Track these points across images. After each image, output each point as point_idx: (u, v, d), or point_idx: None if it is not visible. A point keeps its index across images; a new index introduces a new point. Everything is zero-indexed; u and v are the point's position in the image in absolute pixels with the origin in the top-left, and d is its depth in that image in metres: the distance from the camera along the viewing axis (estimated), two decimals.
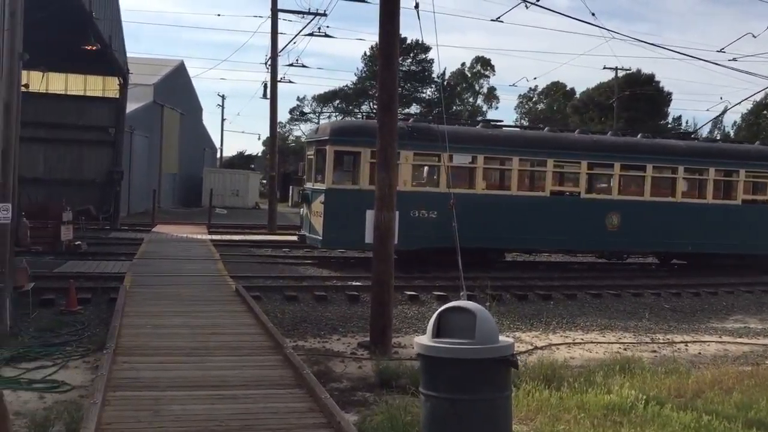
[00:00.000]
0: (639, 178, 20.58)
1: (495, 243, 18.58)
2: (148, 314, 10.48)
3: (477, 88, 79.92)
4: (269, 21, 29.51)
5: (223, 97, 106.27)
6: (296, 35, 30.69)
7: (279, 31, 29.50)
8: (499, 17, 19.51)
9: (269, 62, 30.26)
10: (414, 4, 9.66)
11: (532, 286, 16.40)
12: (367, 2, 26.56)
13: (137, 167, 35.91)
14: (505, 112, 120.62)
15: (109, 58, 25.27)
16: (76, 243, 19.54)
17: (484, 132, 19.34)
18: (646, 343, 11.98)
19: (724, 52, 21.22)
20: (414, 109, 70.96)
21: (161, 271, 15.03)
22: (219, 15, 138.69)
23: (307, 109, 74.01)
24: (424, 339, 5.05)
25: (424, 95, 73.75)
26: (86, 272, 15.46)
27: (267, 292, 14.08)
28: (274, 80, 29.57)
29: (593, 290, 16.35)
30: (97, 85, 30.33)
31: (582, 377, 8.57)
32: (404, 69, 67.53)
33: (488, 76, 78.82)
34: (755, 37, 19.69)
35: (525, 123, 72.58)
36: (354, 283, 15.50)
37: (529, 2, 13.46)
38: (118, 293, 12.09)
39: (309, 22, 29.45)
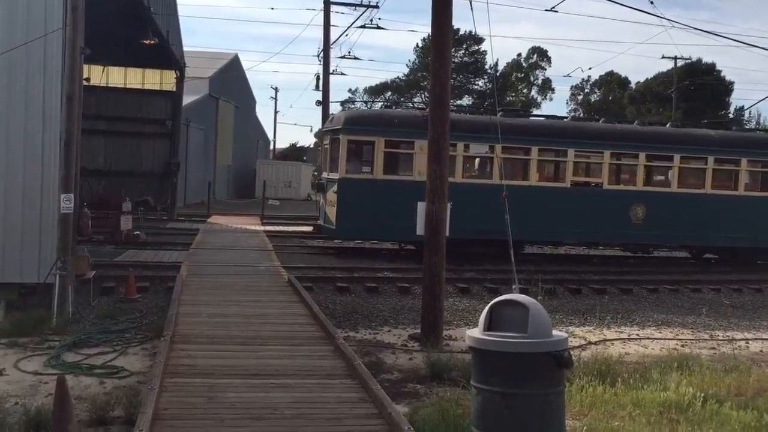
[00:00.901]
0: (666, 169, 19.89)
1: (514, 234, 17.98)
2: (203, 303, 10.69)
3: (532, 79, 78.79)
4: (322, 14, 29.70)
5: (276, 89, 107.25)
6: (348, 27, 30.66)
7: (331, 23, 29.64)
8: (553, 7, 19.14)
9: (321, 55, 30.45)
10: None
11: (587, 281, 16.12)
12: None
13: (193, 159, 36.61)
14: (559, 104, 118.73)
15: (166, 52, 25.80)
16: (135, 233, 20.06)
17: (502, 121, 18.72)
18: (705, 339, 11.66)
19: None
20: (466, 100, 70.45)
21: (216, 261, 15.31)
22: (272, 8, 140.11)
23: (358, 101, 74.19)
24: (476, 332, 5.02)
25: (476, 87, 73.13)
26: (144, 261, 15.86)
27: (319, 283, 14.21)
28: (327, 72, 29.70)
29: (649, 285, 15.99)
30: (155, 79, 31.00)
31: (637, 373, 8.40)
32: (457, 60, 67.07)
33: (544, 68, 77.62)
34: None
35: (580, 115, 71.29)
36: (404, 276, 15.48)
37: None
38: (174, 282, 12.37)
39: (361, 14, 29.48)
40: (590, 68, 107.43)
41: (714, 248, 20.56)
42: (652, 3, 17.74)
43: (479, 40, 69.41)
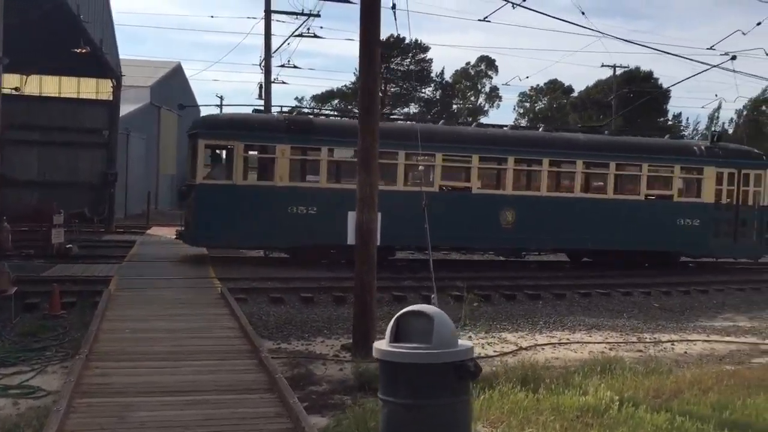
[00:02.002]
0: (535, 173, 19.95)
1: (381, 240, 17.51)
2: (129, 318, 10.43)
3: (479, 87, 79.75)
4: (263, 22, 29.45)
5: (221, 98, 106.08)
6: (289, 36, 30.49)
7: (273, 32, 29.41)
8: (486, 17, 19.40)
9: (263, 63, 30.19)
10: (391, 5, 9.62)
11: (522, 286, 16.31)
12: (350, 2, 26.40)
13: (134, 169, 35.89)
14: (506, 111, 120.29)
15: (101, 61, 25.27)
16: (67, 246, 19.52)
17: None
18: (633, 342, 11.90)
19: (713, 49, 21.12)
20: (413, 108, 70.84)
21: (149, 274, 15.00)
22: (212, 17, 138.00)
23: (306, 110, 73.87)
24: (383, 344, 4.99)
25: (423, 95, 73.59)
26: (74, 276, 15.42)
27: (253, 294, 14.04)
28: (268, 81, 29.46)
29: (583, 290, 16.28)
30: (91, 88, 30.35)
31: (561, 378, 8.50)
32: (403, 69, 67.39)
33: (491, 76, 78.65)
34: (744, 34, 19.39)
35: (523, 123, 72.55)
36: (340, 285, 15.40)
37: (514, 3, 13.34)
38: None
39: (302, 23, 29.37)
40: (527, 77, 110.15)
41: (587, 251, 20.73)
42: (583, 13, 18.22)
43: (425, 49, 69.92)
